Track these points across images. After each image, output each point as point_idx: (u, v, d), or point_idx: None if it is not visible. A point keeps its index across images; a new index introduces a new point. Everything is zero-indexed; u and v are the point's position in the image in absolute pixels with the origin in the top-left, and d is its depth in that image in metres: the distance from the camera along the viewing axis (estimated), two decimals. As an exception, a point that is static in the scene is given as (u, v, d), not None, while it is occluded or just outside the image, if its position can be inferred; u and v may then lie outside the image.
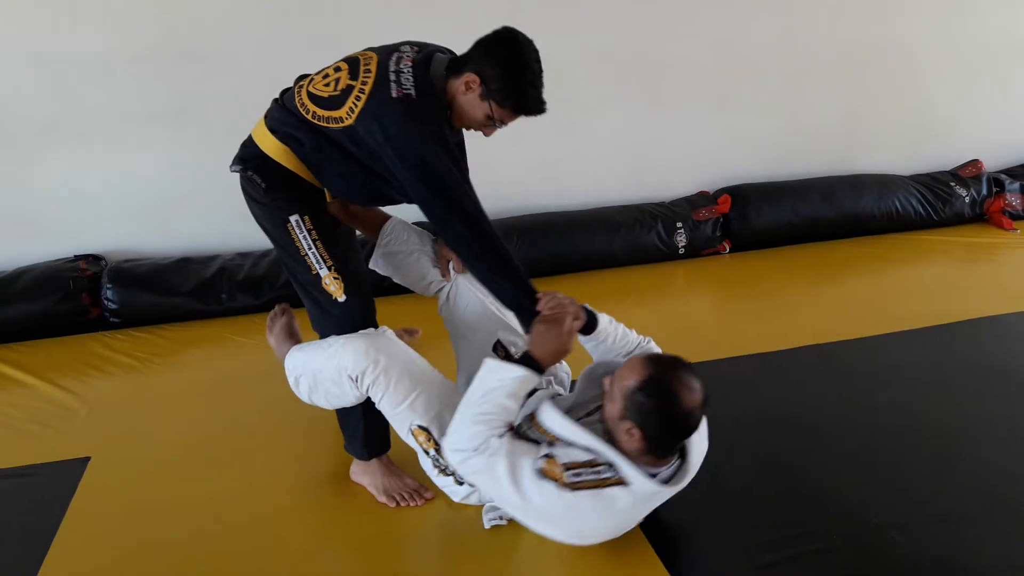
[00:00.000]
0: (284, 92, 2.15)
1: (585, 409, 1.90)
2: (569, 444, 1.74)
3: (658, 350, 2.06)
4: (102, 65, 3.09)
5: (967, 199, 4.04)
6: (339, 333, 2.04)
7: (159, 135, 3.23)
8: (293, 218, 2.05)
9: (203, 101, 3.21)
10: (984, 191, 4.07)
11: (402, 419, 1.98)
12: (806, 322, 3.08)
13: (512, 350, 2.17)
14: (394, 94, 1.87)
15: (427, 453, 1.99)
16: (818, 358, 2.79)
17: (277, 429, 2.43)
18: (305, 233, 2.06)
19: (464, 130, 2.11)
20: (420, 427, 1.97)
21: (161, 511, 2.08)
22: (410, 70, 1.91)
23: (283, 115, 2.05)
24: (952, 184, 4.07)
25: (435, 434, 1.96)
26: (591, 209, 3.71)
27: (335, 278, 2.06)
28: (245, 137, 2.16)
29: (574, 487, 1.69)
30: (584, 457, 1.71)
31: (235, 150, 2.19)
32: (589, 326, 2.01)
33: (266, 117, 2.10)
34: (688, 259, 3.72)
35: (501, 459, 1.73)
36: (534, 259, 3.44)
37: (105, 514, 2.08)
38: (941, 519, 2.00)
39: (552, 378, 2.18)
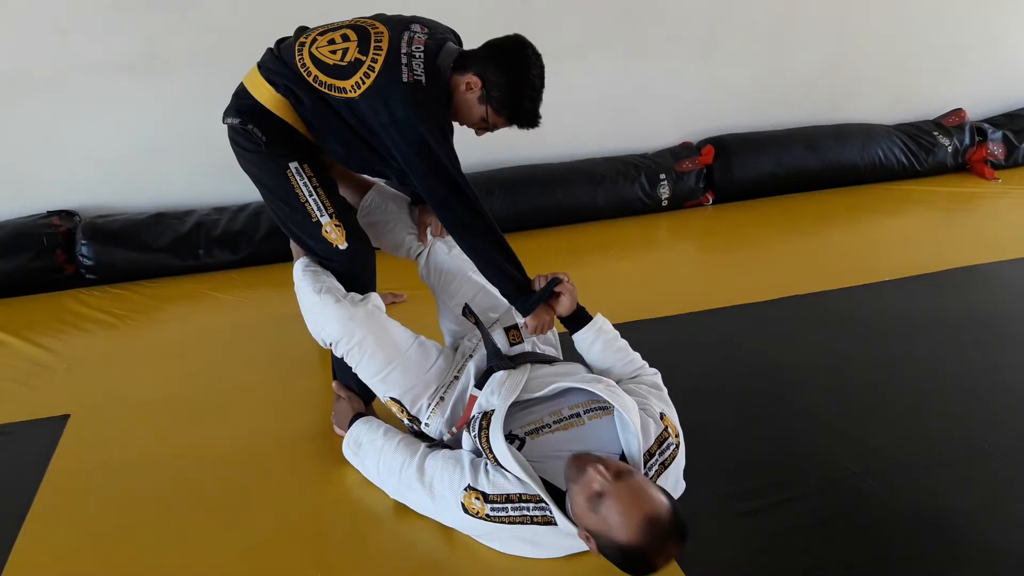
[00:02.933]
0: (280, 42, 2.10)
1: (557, 415, 1.81)
2: (505, 469, 1.71)
3: (663, 388, 1.97)
4: (70, 15, 3.00)
5: (950, 149, 4.03)
6: (340, 280, 2.07)
7: (131, 88, 3.15)
8: (293, 165, 2.03)
9: (176, 52, 3.13)
10: (967, 140, 4.06)
11: (376, 389, 2.02)
12: (788, 273, 3.08)
13: (491, 315, 2.15)
14: (405, 78, 1.87)
15: (403, 421, 2.03)
16: (799, 309, 2.80)
17: (257, 384, 2.42)
18: (306, 180, 2.04)
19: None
20: (392, 399, 1.99)
21: (142, 467, 2.08)
22: (422, 55, 1.91)
23: (282, 68, 2.01)
24: (935, 134, 4.05)
25: (407, 406, 1.98)
26: (573, 161, 3.68)
27: (337, 225, 2.05)
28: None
29: (496, 521, 1.69)
30: (513, 489, 1.67)
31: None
32: (578, 321, 2.03)
33: (261, 67, 2.05)
34: (671, 211, 3.70)
35: (421, 492, 1.79)
36: (516, 212, 3.41)
37: (86, 471, 2.07)
38: (917, 467, 2.02)
39: (536, 338, 2.15)
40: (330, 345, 2.01)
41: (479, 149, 2.46)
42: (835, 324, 2.70)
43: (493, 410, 1.79)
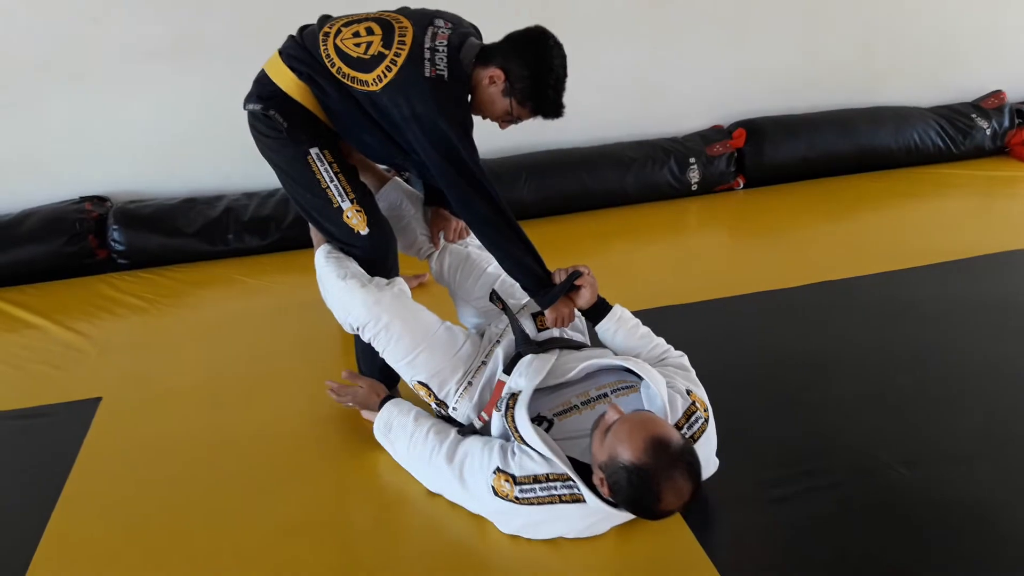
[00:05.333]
0: (303, 29, 2.10)
1: (585, 396, 1.82)
2: (531, 449, 1.70)
3: (690, 370, 1.96)
4: (103, 3, 3.02)
5: (988, 131, 3.94)
6: (362, 266, 2.08)
7: (159, 74, 3.17)
8: (313, 151, 2.04)
9: (203, 38, 3.15)
10: (1006, 123, 3.96)
11: (404, 373, 2.01)
12: (820, 258, 3.04)
13: (511, 302, 2.13)
14: (427, 73, 1.87)
15: (431, 405, 2.02)
16: (831, 295, 2.76)
17: (286, 369, 2.43)
18: (327, 166, 2.04)
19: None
20: (420, 383, 1.99)
21: (173, 449, 2.10)
22: (445, 49, 1.90)
23: (305, 56, 2.01)
24: (973, 116, 3.96)
25: (435, 390, 1.98)
26: (601, 145, 3.64)
27: (358, 211, 2.06)
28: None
29: (524, 503, 1.68)
30: (540, 470, 1.67)
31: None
32: (598, 312, 2.02)
33: (283, 54, 2.06)
34: (701, 195, 3.66)
35: (451, 477, 1.79)
36: (544, 197, 3.39)
37: (118, 452, 2.10)
38: (950, 456, 1.98)
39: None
40: (356, 330, 2.01)
41: (506, 134, 2.45)
42: (868, 310, 2.66)
43: (521, 391, 1.79)
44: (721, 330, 2.56)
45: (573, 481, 1.65)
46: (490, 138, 1.97)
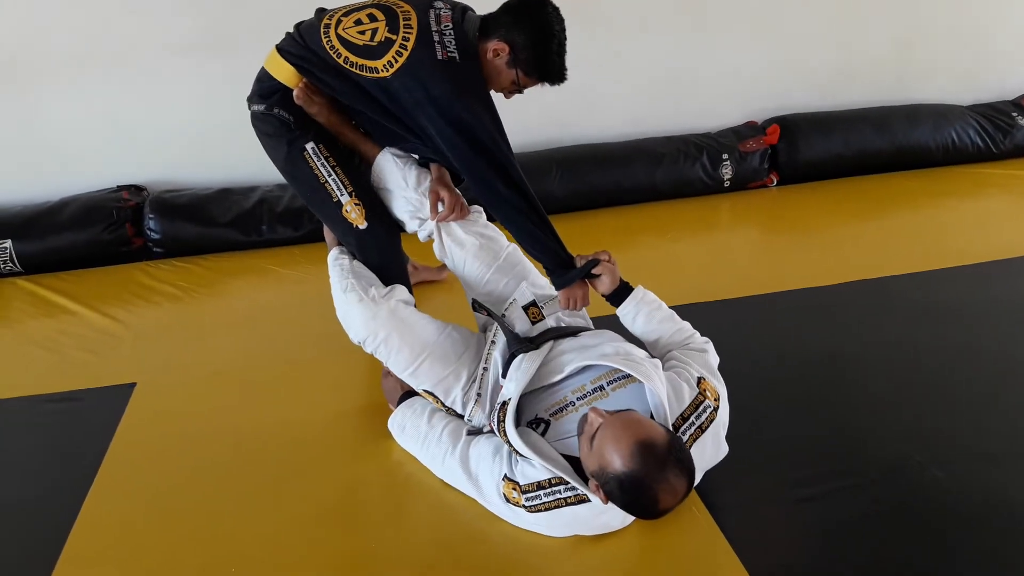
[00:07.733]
0: (299, 25, 2.10)
1: (580, 390, 1.78)
2: (527, 458, 1.69)
3: (715, 358, 1.92)
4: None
5: (1030, 130, 3.86)
6: (363, 261, 2.10)
7: (196, 65, 3.21)
8: (309, 146, 2.07)
9: (236, 29, 3.17)
10: (1049, 122, 3.88)
11: (410, 383, 2.02)
12: (853, 257, 3.00)
13: (502, 309, 2.12)
14: (439, 56, 1.87)
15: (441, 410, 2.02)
16: (864, 294, 2.72)
17: (317, 359, 2.45)
18: (323, 160, 2.07)
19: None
20: (426, 391, 1.99)
21: (204, 436, 2.13)
22: (451, 31, 1.91)
23: (306, 53, 2.02)
24: (1014, 114, 3.88)
25: (441, 397, 1.97)
26: (632, 140, 3.62)
27: (356, 204, 2.07)
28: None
29: (533, 510, 1.68)
30: (541, 476, 1.66)
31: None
32: (620, 296, 2.00)
33: (281, 51, 2.07)
34: (733, 192, 3.63)
35: (467, 483, 1.80)
36: (574, 192, 3.39)
37: (151, 438, 2.13)
38: (984, 457, 1.95)
39: (560, 312, 2.09)
40: (359, 343, 2.02)
41: (537, 128, 2.44)
42: (902, 310, 2.62)
43: (509, 399, 1.77)
44: (752, 327, 2.54)
45: (574, 484, 1.63)
46: (521, 132, 1.97)
